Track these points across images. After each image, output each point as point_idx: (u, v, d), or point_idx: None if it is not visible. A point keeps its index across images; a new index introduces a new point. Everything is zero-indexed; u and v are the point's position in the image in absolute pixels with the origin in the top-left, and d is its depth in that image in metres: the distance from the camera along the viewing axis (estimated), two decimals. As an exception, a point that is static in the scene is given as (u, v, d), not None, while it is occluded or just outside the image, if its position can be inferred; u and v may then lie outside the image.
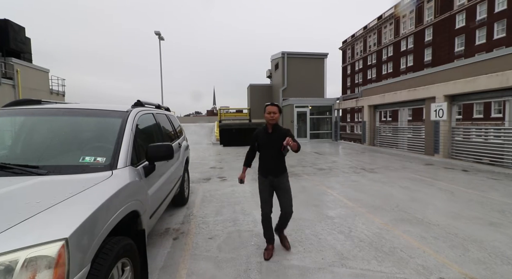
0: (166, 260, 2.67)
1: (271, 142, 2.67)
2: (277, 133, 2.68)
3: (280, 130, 2.70)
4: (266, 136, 2.71)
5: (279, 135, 2.65)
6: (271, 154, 2.69)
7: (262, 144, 2.72)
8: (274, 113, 2.63)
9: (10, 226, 1.16)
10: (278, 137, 2.65)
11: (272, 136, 2.68)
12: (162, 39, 19.41)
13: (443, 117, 9.24)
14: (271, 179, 2.73)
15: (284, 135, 2.63)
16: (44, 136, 2.34)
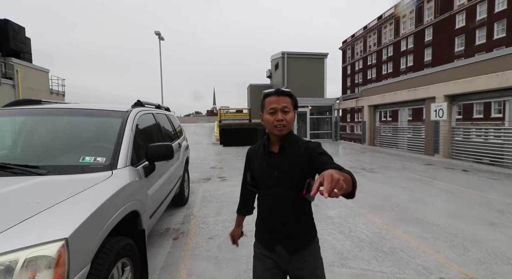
0: (166, 260, 2.67)
1: (281, 174, 1.23)
2: (293, 155, 1.23)
3: (298, 147, 1.25)
4: (267, 163, 1.27)
5: (296, 160, 1.22)
6: (280, 199, 1.25)
7: (261, 178, 1.30)
8: (284, 111, 1.20)
9: (10, 226, 1.16)
10: (295, 164, 1.22)
11: (282, 162, 1.24)
12: (162, 39, 19.41)
13: (443, 117, 9.24)
14: (281, 254, 1.26)
15: (307, 158, 1.21)
16: (44, 136, 2.33)
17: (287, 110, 1.20)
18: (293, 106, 1.23)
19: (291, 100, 1.22)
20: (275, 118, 1.19)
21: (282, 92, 1.21)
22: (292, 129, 1.26)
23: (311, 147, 1.22)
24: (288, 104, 1.20)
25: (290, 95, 1.23)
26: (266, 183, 1.28)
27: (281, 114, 1.19)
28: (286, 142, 1.24)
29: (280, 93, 1.21)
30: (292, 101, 1.23)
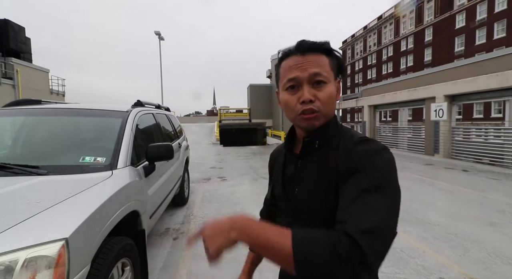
0: (166, 260, 2.67)
1: (300, 196, 0.71)
2: (322, 163, 0.68)
3: (337, 149, 0.67)
4: (284, 173, 0.79)
5: (323, 174, 0.67)
6: None
7: (277, 197, 0.82)
8: (317, 81, 0.65)
9: (10, 226, 1.16)
10: (320, 180, 0.67)
11: (304, 175, 0.71)
12: (162, 39, 19.42)
13: (443, 117, 9.24)
14: None
15: (337, 173, 0.64)
16: (44, 136, 2.33)
17: (321, 80, 0.64)
18: (334, 71, 0.68)
19: (328, 60, 0.67)
20: (299, 98, 0.65)
21: (309, 46, 0.66)
22: (331, 115, 0.69)
23: (354, 152, 0.62)
24: (321, 68, 0.65)
25: (327, 50, 0.67)
26: (282, 207, 0.79)
27: (308, 90, 0.64)
28: (317, 138, 0.68)
29: (306, 48, 0.66)
30: (331, 62, 0.67)
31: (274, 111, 21.45)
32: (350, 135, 0.68)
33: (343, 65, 0.72)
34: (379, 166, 0.59)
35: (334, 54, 0.70)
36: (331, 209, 0.61)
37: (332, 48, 0.70)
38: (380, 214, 0.53)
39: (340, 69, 0.71)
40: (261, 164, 8.57)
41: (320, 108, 0.66)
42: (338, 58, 0.70)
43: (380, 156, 0.60)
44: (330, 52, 0.69)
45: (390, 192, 0.59)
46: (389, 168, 0.60)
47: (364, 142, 0.64)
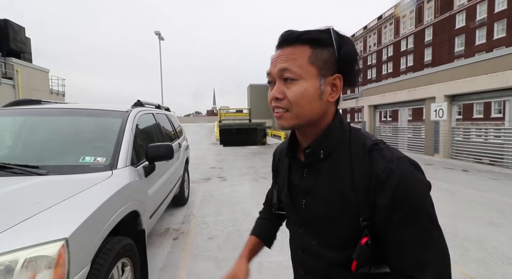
0: (166, 260, 2.67)
1: (310, 208, 0.65)
2: (335, 175, 0.60)
3: (348, 160, 0.60)
4: (290, 180, 0.72)
5: (339, 188, 0.59)
6: (310, 256, 0.67)
7: (284, 204, 0.76)
8: (284, 78, 0.59)
9: (10, 226, 1.16)
10: (336, 195, 0.59)
11: (312, 185, 0.64)
12: (162, 39, 19.42)
13: (443, 117, 9.24)
14: None
15: (366, 194, 0.55)
16: (44, 136, 2.33)
17: (288, 76, 0.58)
18: (320, 64, 0.58)
19: (311, 52, 0.58)
20: (270, 96, 0.62)
21: (284, 37, 0.60)
22: (308, 117, 0.60)
23: (382, 178, 0.54)
24: (292, 63, 0.58)
25: (310, 40, 0.58)
26: (290, 216, 0.74)
27: (278, 87, 0.60)
28: (319, 148, 0.62)
29: (282, 40, 0.60)
30: (315, 55, 0.58)
31: (274, 111, 21.45)
32: (361, 140, 0.61)
33: (347, 57, 0.59)
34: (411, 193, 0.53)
35: (326, 45, 0.58)
36: (350, 227, 0.57)
37: (320, 37, 0.58)
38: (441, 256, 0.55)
39: (341, 62, 0.59)
40: (261, 164, 8.57)
41: (288, 108, 0.59)
42: (338, 48, 0.59)
43: (403, 159, 0.56)
44: (316, 42, 0.58)
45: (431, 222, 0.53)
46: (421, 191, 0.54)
47: (378, 151, 0.57)
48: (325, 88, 0.59)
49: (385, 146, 0.59)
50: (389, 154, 0.57)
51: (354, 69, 0.62)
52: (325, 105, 0.61)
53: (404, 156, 0.57)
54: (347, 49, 0.59)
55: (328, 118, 0.64)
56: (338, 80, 0.61)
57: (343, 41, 0.60)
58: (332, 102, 0.62)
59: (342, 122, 0.64)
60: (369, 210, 0.55)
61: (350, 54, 0.60)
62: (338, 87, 0.61)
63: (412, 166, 0.55)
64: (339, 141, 0.62)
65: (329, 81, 0.60)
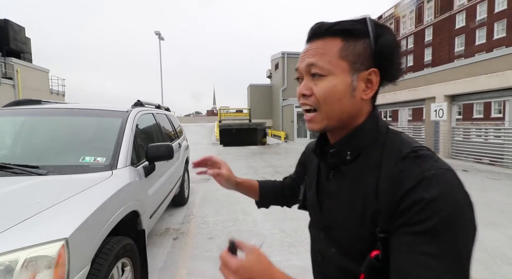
0: (166, 260, 2.67)
1: (332, 213, 0.60)
2: (360, 181, 0.54)
3: (377, 167, 0.52)
4: (317, 181, 0.68)
5: (360, 196, 0.53)
6: (328, 262, 0.62)
7: (308, 204, 0.74)
8: (312, 74, 0.55)
9: (10, 226, 1.16)
10: (355, 203, 0.54)
11: (337, 189, 0.59)
12: (162, 39, 19.42)
13: (443, 117, 9.24)
14: None
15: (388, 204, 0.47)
16: (44, 136, 2.34)
17: (315, 72, 0.54)
18: (353, 58, 0.53)
19: (342, 44, 0.53)
20: (297, 93, 0.59)
21: (313, 30, 0.56)
22: (339, 117, 0.56)
23: (406, 184, 0.46)
24: (320, 57, 0.54)
25: (342, 31, 0.53)
26: (312, 218, 0.73)
27: (305, 83, 0.57)
28: (345, 149, 0.57)
29: (311, 34, 0.56)
30: (346, 48, 0.53)
31: (274, 111, 21.46)
32: (398, 145, 0.51)
33: (384, 48, 0.53)
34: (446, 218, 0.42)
35: (361, 36, 0.53)
36: (368, 238, 0.51)
37: (353, 28, 0.53)
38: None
39: (378, 54, 0.53)
40: (261, 164, 8.57)
41: (316, 106, 0.55)
42: (375, 39, 0.53)
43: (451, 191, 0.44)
44: (349, 33, 0.53)
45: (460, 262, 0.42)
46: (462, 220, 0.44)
47: (414, 159, 0.47)
48: (358, 85, 0.54)
49: (428, 154, 0.48)
50: (430, 163, 0.46)
51: (393, 63, 0.55)
52: (358, 103, 0.55)
53: (450, 168, 0.46)
54: (386, 40, 0.53)
55: (361, 118, 0.57)
56: (374, 76, 0.54)
57: (381, 31, 0.54)
58: (366, 100, 0.56)
59: (378, 123, 0.57)
60: (388, 222, 0.47)
61: (388, 45, 0.54)
62: (373, 83, 0.55)
63: (458, 182, 0.46)
64: (370, 142, 0.55)
65: (363, 77, 0.54)
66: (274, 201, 0.94)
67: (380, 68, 0.54)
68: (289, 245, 2.95)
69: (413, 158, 0.48)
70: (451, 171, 0.46)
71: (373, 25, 0.53)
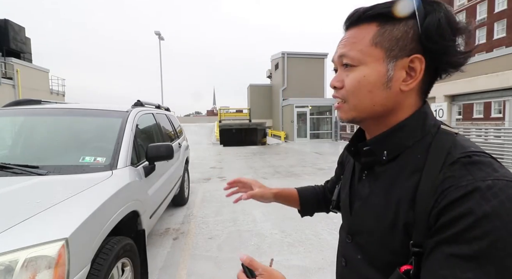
0: (166, 260, 2.67)
1: (360, 217, 0.56)
2: (395, 185, 0.48)
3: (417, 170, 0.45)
4: (351, 182, 0.63)
5: (392, 202, 0.47)
6: (351, 270, 0.58)
7: (343, 204, 0.65)
8: (344, 64, 0.51)
9: (10, 226, 1.16)
10: (387, 209, 0.48)
11: (369, 191, 0.54)
12: (162, 39, 19.42)
13: (443, 117, 9.24)
14: None
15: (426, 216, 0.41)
16: (44, 136, 2.34)
17: (346, 63, 0.51)
18: (388, 44, 0.48)
19: (377, 30, 0.49)
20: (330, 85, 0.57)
21: (348, 18, 0.52)
22: (370, 110, 0.51)
23: (452, 193, 0.38)
24: (351, 47, 0.51)
25: (376, 16, 0.49)
26: (343, 220, 0.66)
27: (337, 74, 0.55)
28: (380, 147, 0.52)
29: (346, 22, 0.53)
30: (381, 33, 0.48)
31: (274, 111, 21.47)
32: (447, 147, 0.43)
33: (431, 29, 0.44)
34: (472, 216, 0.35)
35: (401, 18, 0.47)
36: (398, 249, 0.45)
37: (390, 10, 0.47)
38: None
39: (424, 36, 0.45)
40: (261, 164, 8.58)
41: (345, 98, 0.52)
42: (422, 19, 0.45)
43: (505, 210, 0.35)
44: (385, 17, 0.48)
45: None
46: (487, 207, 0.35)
47: (466, 165, 0.40)
48: (395, 74, 0.47)
49: (486, 161, 0.40)
50: (486, 171, 0.38)
51: (446, 46, 0.45)
52: (396, 95, 0.48)
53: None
54: (433, 19, 0.44)
55: (404, 114, 0.50)
56: (418, 63, 0.46)
57: (431, 9, 0.45)
58: (408, 91, 0.48)
59: (425, 121, 0.49)
60: (425, 236, 0.41)
61: (438, 24, 0.44)
62: (417, 72, 0.47)
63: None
64: (413, 143, 0.48)
65: (402, 65, 0.47)
66: (318, 208, 0.89)
67: (431, 54, 0.46)
68: (289, 245, 2.95)
69: (465, 163, 0.40)
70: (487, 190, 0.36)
71: (418, 3, 0.46)
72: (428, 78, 0.49)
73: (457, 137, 0.46)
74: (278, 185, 5.70)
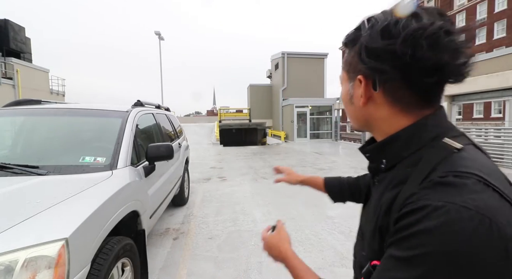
0: (166, 260, 2.67)
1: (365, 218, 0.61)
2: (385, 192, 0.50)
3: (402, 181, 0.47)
4: (372, 182, 0.61)
5: (379, 207, 0.50)
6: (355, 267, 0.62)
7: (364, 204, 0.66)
8: None
9: (11, 226, 1.16)
10: (374, 213, 0.52)
11: (374, 193, 0.57)
12: (162, 39, 19.42)
13: (443, 117, 9.25)
14: None
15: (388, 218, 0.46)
16: (44, 136, 2.34)
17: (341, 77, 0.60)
18: (351, 65, 0.54)
19: (348, 52, 0.56)
20: None
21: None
22: (359, 123, 0.58)
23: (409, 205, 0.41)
24: (343, 62, 0.58)
25: (345, 43, 0.55)
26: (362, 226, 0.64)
27: None
28: (375, 153, 0.56)
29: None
30: (349, 55, 0.55)
31: (274, 111, 21.47)
32: (434, 163, 0.43)
33: (367, 45, 0.47)
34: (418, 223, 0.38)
35: (355, 42, 0.51)
36: (376, 252, 0.49)
37: (348, 37, 0.54)
38: None
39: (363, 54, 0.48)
40: (261, 164, 8.57)
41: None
42: (363, 44, 0.48)
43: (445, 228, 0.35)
44: (345, 44, 0.55)
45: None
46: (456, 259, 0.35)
47: (438, 186, 0.39)
48: (354, 92, 0.54)
49: (462, 184, 0.38)
50: (451, 193, 0.38)
51: (378, 66, 0.46)
52: (360, 109, 0.54)
53: (485, 214, 0.35)
54: (370, 33, 0.47)
55: (385, 123, 0.52)
56: (362, 82, 0.51)
57: (373, 24, 0.48)
58: (372, 105, 0.52)
59: (422, 133, 0.48)
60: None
61: (372, 38, 0.46)
62: (364, 90, 0.51)
63: (488, 234, 0.34)
64: (408, 154, 0.48)
65: (357, 84, 0.53)
66: (345, 197, 0.98)
67: (371, 72, 0.49)
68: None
69: (435, 183, 0.40)
70: (485, 218, 0.35)
71: (366, 24, 0.49)
72: (406, 91, 0.47)
73: (456, 154, 0.43)
74: (278, 184, 5.68)
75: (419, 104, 0.49)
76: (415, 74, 0.45)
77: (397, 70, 0.45)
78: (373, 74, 0.49)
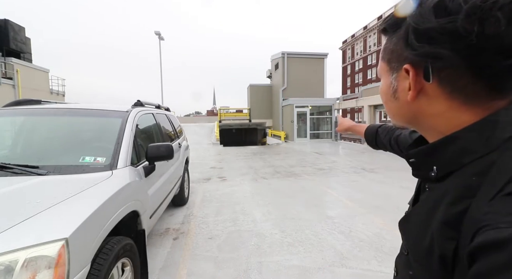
0: (166, 260, 2.67)
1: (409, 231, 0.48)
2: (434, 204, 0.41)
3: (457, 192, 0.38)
4: (416, 190, 0.54)
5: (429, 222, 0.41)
6: None
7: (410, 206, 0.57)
8: None
9: (11, 226, 1.16)
10: (425, 231, 0.41)
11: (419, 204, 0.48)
12: (162, 39, 19.42)
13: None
14: None
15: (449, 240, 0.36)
16: (44, 136, 2.34)
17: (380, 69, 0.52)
18: (390, 55, 0.47)
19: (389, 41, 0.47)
20: None
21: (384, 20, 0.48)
22: (400, 119, 0.50)
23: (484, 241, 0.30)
24: (383, 51, 0.50)
25: (384, 29, 0.48)
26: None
27: None
28: (421, 158, 0.47)
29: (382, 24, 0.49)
30: (390, 44, 0.47)
31: (274, 111, 21.47)
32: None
33: (415, 28, 0.39)
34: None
35: (397, 27, 0.44)
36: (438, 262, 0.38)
37: (387, 22, 0.46)
38: None
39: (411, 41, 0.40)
40: (261, 164, 8.58)
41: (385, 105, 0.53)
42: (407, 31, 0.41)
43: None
44: (385, 30, 0.47)
45: None
46: None
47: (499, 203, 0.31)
48: (398, 85, 0.45)
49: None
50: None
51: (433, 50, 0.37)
52: (407, 105, 0.45)
53: None
54: (420, 11, 0.38)
55: (440, 121, 0.42)
56: (411, 72, 0.42)
57: (421, 1, 0.39)
58: (422, 100, 0.43)
59: (493, 133, 0.38)
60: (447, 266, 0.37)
61: (424, 17, 0.38)
62: (414, 82, 0.42)
63: None
64: (471, 159, 0.38)
65: (403, 75, 0.44)
66: (379, 146, 0.98)
67: (419, 61, 0.40)
68: (289, 245, 2.95)
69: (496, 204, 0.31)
70: None
71: (410, 5, 0.41)
72: (470, 78, 0.37)
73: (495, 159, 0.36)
74: (278, 184, 5.71)
75: (489, 96, 0.38)
76: (485, 56, 0.35)
77: (458, 54, 0.36)
78: (425, 62, 0.39)
